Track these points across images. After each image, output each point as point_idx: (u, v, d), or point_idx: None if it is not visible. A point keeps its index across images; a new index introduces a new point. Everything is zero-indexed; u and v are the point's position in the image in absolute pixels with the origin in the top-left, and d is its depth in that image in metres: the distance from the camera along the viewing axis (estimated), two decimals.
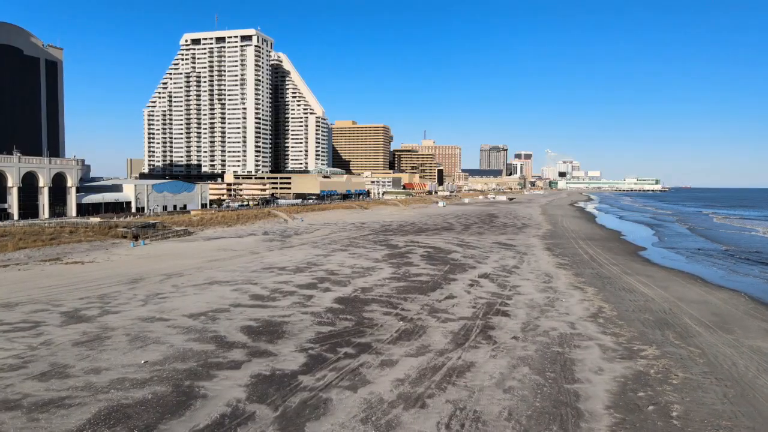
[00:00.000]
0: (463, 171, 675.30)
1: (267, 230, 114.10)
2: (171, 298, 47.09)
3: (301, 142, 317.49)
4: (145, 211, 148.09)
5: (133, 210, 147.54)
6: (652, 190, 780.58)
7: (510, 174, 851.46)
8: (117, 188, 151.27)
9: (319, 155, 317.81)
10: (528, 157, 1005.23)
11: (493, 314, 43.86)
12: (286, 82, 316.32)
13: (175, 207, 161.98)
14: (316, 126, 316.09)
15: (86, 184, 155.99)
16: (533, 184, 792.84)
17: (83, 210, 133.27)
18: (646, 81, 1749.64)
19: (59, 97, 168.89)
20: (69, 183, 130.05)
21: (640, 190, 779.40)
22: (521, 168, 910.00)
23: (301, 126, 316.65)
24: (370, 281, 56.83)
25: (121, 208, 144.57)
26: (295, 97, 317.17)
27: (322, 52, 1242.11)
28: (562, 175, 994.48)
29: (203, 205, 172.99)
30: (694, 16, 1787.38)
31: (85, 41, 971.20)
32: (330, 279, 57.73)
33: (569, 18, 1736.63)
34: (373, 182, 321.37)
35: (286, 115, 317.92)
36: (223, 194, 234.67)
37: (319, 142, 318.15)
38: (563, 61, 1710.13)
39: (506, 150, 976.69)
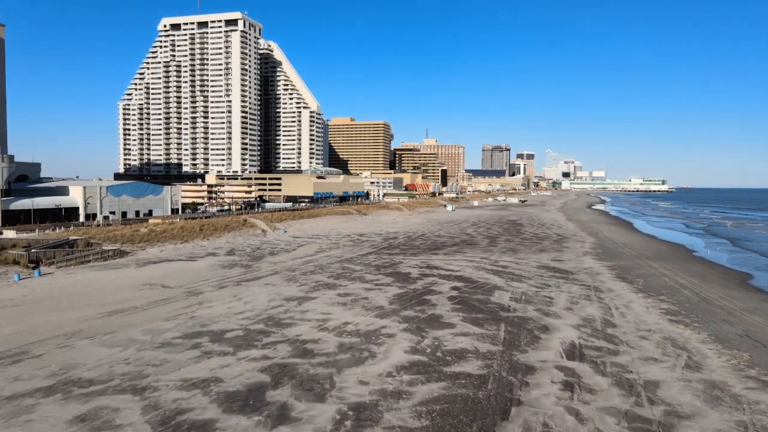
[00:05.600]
0: (466, 171, 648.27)
1: (235, 247, 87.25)
2: None
3: (293, 140, 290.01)
4: (98, 218, 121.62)
5: (82, 218, 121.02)
6: (659, 191, 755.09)
7: (513, 174, 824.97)
8: (62, 191, 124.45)
9: (313, 154, 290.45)
10: (530, 157, 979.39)
11: None
12: (277, 74, 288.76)
13: (137, 213, 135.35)
14: (311, 122, 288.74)
15: (28, 186, 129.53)
16: (536, 184, 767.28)
17: (12, 218, 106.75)
18: (645, 81, 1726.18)
19: (2, 81, 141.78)
20: None
21: (646, 191, 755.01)
22: (524, 168, 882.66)
23: (294, 122, 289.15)
24: (371, 377, 29.75)
25: (63, 215, 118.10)
26: (287, 89, 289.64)
27: (317, 43, 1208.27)
28: (566, 175, 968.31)
29: (174, 211, 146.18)
30: (694, 17, 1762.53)
31: (66, 29, 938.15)
32: (296, 371, 30.52)
33: (569, 17, 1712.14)
34: (372, 183, 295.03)
35: (277, 110, 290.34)
36: (203, 197, 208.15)
37: (313, 140, 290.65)
38: (564, 61, 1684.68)
39: (509, 150, 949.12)
